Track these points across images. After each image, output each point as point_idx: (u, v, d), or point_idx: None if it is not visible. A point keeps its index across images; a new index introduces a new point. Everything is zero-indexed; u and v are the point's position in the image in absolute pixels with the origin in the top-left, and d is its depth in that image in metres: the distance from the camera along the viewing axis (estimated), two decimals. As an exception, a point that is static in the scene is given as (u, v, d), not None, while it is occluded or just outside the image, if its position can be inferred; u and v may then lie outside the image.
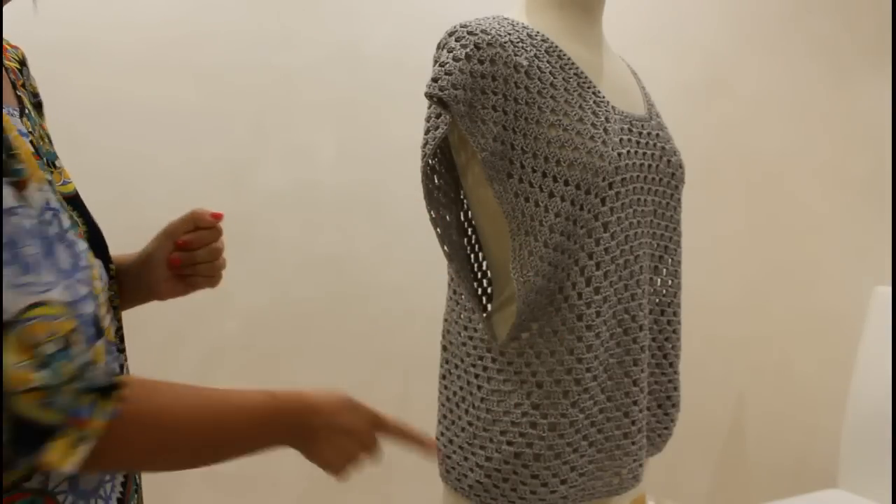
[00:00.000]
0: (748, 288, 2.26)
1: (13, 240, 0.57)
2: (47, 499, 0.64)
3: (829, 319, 2.33)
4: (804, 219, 2.32)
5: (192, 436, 0.68)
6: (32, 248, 0.58)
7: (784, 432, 2.34)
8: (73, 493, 0.66)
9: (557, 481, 0.90)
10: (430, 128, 0.91)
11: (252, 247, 1.72)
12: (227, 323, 1.71)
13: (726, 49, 2.19)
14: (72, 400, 0.58)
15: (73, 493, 0.66)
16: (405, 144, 1.69)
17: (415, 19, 1.81)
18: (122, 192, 1.59)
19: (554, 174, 0.87)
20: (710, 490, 2.29)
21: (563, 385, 0.89)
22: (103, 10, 1.58)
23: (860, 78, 2.34)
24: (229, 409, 0.71)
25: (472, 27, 0.87)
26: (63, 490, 0.65)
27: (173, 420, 0.67)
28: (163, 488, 1.61)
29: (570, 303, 0.89)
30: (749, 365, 2.29)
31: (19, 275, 0.57)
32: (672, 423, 1.05)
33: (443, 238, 0.97)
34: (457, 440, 0.95)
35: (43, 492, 0.63)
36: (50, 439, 0.58)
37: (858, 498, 1.99)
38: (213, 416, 0.70)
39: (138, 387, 0.64)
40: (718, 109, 2.19)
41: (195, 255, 0.90)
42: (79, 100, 1.56)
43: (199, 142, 1.67)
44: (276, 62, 1.72)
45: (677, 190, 1.02)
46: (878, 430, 1.96)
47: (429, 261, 1.49)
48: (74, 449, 0.59)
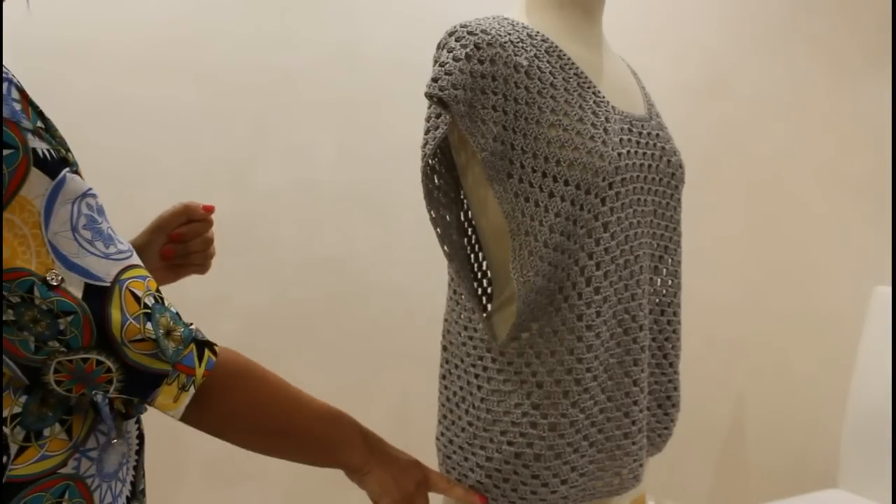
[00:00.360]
0: (748, 288, 2.26)
1: (93, 218, 0.66)
2: (79, 483, 0.69)
3: (829, 319, 2.33)
4: (804, 219, 2.32)
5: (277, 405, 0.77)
6: (106, 224, 0.67)
7: (784, 432, 2.34)
8: (100, 475, 0.71)
9: (558, 481, 0.90)
10: (430, 128, 0.91)
11: (252, 247, 1.72)
12: (226, 323, 1.71)
13: (726, 49, 2.19)
14: (177, 350, 0.67)
15: (99, 475, 0.71)
16: (405, 144, 1.69)
17: (415, 19, 1.81)
18: (122, 192, 1.59)
19: (554, 174, 0.87)
20: (710, 490, 2.29)
21: (563, 385, 0.89)
22: (103, 10, 1.58)
23: (860, 78, 2.34)
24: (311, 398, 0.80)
25: (472, 27, 0.87)
26: (91, 474, 0.70)
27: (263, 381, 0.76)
28: (163, 488, 1.61)
29: (570, 303, 0.89)
30: (749, 365, 2.28)
31: (106, 247, 0.66)
32: (672, 423, 1.05)
33: (443, 238, 0.97)
34: (457, 440, 0.95)
35: (75, 476, 0.69)
36: (160, 384, 0.67)
37: (858, 498, 1.99)
38: (297, 394, 0.79)
39: (226, 349, 0.73)
40: (718, 109, 2.19)
41: (188, 245, 0.95)
42: (79, 100, 1.56)
43: (199, 142, 1.67)
44: (276, 62, 1.72)
45: (677, 190, 1.02)
46: (878, 430, 1.96)
47: (429, 261, 1.49)
48: (182, 393, 0.68)
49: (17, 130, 0.61)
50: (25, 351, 0.62)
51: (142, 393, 0.67)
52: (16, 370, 0.63)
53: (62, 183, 0.63)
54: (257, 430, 0.76)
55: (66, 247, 0.63)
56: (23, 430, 0.65)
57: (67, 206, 0.63)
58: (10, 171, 0.60)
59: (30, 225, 0.61)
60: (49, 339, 0.62)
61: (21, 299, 0.61)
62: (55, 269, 0.61)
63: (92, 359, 0.63)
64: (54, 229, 0.62)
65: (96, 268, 0.64)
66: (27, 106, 0.64)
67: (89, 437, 0.70)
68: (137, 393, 0.67)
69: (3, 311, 0.61)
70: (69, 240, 0.63)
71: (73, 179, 0.64)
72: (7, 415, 0.64)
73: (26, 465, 0.65)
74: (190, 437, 1.63)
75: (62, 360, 0.63)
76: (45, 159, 0.62)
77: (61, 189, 0.63)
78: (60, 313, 0.61)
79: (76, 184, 0.65)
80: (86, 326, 0.62)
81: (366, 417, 0.90)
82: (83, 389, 0.65)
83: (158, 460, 1.04)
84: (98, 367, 0.64)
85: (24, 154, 0.61)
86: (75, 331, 0.62)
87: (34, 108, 0.65)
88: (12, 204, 0.60)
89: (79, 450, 0.69)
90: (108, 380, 0.65)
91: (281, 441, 0.79)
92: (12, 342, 0.62)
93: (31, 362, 0.63)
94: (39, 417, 0.66)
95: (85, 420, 0.69)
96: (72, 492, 0.68)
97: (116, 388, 0.66)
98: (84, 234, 0.64)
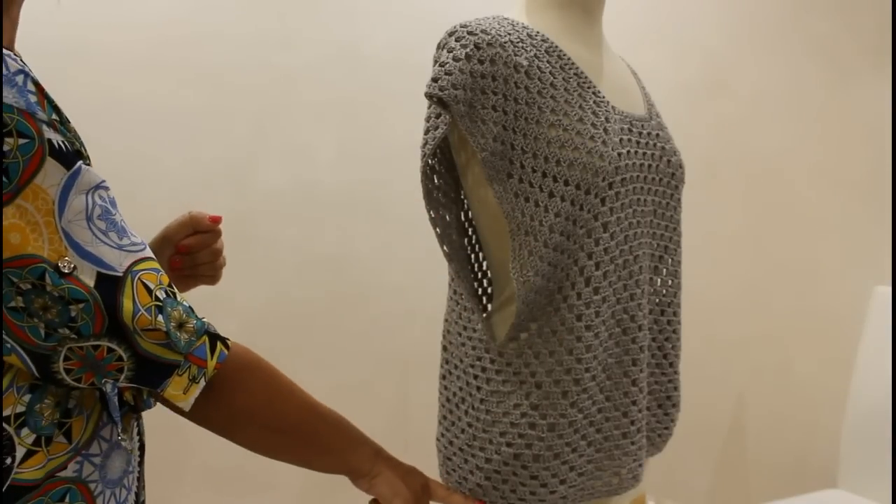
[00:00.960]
0: (748, 288, 2.26)
1: (107, 210, 0.66)
2: (80, 486, 0.69)
3: (829, 319, 2.33)
4: (804, 219, 2.32)
5: (288, 403, 0.77)
6: (119, 216, 0.68)
7: (784, 432, 2.34)
8: (103, 481, 0.71)
9: (557, 481, 0.90)
10: (430, 128, 0.91)
11: (252, 247, 1.72)
12: (226, 323, 1.70)
13: (726, 49, 2.19)
14: (189, 341, 0.68)
15: (102, 481, 0.70)
16: (405, 144, 1.69)
17: (415, 19, 1.81)
18: (122, 192, 1.58)
19: (554, 174, 0.87)
20: (710, 490, 2.29)
21: (561, 385, 0.89)
22: (103, 10, 1.58)
23: (860, 78, 2.34)
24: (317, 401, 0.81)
25: (472, 27, 0.87)
26: (94, 479, 0.70)
27: (273, 378, 0.77)
28: (163, 488, 1.61)
29: (569, 303, 0.89)
30: (749, 365, 2.28)
31: (120, 238, 0.66)
32: (672, 423, 1.05)
33: (443, 238, 0.97)
34: (457, 441, 0.95)
35: (77, 480, 0.68)
36: (171, 375, 0.67)
37: (858, 498, 1.99)
38: (305, 394, 0.79)
39: (237, 344, 0.74)
40: (718, 109, 2.19)
41: (196, 257, 0.94)
42: (79, 99, 1.56)
43: (199, 142, 1.67)
44: (276, 62, 1.72)
45: (677, 190, 1.02)
46: (878, 430, 1.96)
47: (429, 261, 1.49)
48: (192, 385, 0.68)
49: (33, 121, 0.61)
50: (35, 338, 0.62)
51: (152, 382, 0.67)
52: (25, 358, 0.63)
53: (77, 173, 0.64)
54: (267, 428, 0.76)
55: (81, 235, 0.63)
56: (32, 434, 0.65)
57: (82, 197, 0.64)
58: (26, 159, 0.61)
59: (43, 213, 0.61)
60: (59, 325, 0.62)
61: (32, 286, 0.61)
62: (67, 257, 0.62)
63: (103, 346, 0.64)
64: (69, 217, 0.63)
65: (109, 257, 0.64)
66: (43, 98, 0.64)
67: (92, 443, 0.69)
68: (148, 382, 0.67)
69: (13, 298, 0.61)
70: (83, 228, 0.63)
71: (87, 171, 0.65)
72: (10, 413, 0.63)
73: (33, 469, 0.65)
74: (190, 446, 1.64)
75: (73, 347, 0.63)
76: (60, 150, 0.63)
77: (77, 179, 0.64)
78: (72, 300, 0.62)
79: (91, 175, 0.65)
80: (97, 314, 0.63)
81: (366, 417, 0.90)
82: (93, 378, 0.65)
83: (158, 470, 1.04)
84: (109, 355, 0.64)
85: (40, 144, 0.61)
86: (87, 318, 0.62)
87: (49, 101, 0.66)
88: (26, 191, 0.61)
89: (80, 453, 0.68)
90: (118, 368, 0.65)
91: (291, 441, 0.78)
92: (22, 328, 0.62)
93: (41, 349, 0.63)
94: (46, 419, 0.65)
95: (87, 424, 0.69)
96: (73, 495, 0.67)
97: (127, 376, 0.66)
98: (98, 224, 0.64)
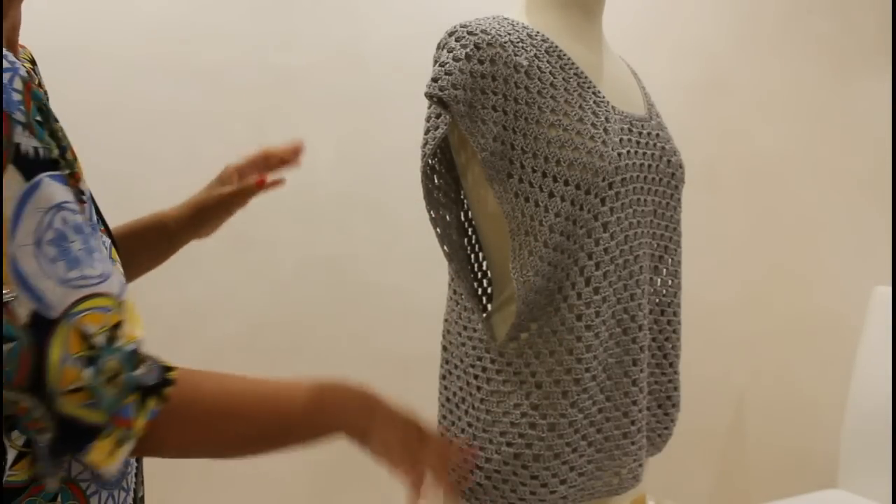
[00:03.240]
0: (748, 288, 2.26)
1: (63, 234, 0.58)
2: (71, 486, 0.66)
3: (829, 319, 2.33)
4: (804, 219, 2.32)
5: (241, 425, 0.68)
6: (79, 244, 0.59)
7: (784, 432, 2.34)
8: (96, 482, 0.68)
9: (557, 481, 0.90)
10: (430, 128, 0.91)
11: (252, 247, 1.72)
12: (226, 323, 1.71)
13: (726, 49, 2.19)
14: (115, 400, 0.59)
15: (95, 482, 0.68)
16: (405, 144, 1.69)
17: (415, 19, 1.81)
18: (123, 192, 1.58)
19: (554, 174, 0.87)
20: (710, 490, 2.29)
21: (561, 385, 0.89)
22: (104, 11, 1.58)
23: (860, 78, 2.34)
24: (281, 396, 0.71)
25: (472, 27, 0.87)
26: (86, 479, 0.67)
27: (219, 412, 0.67)
28: (163, 488, 1.61)
29: (569, 303, 0.89)
30: (749, 365, 2.28)
31: (68, 270, 0.58)
32: (672, 423, 1.05)
33: (443, 238, 0.97)
34: (457, 441, 0.95)
35: (66, 479, 0.65)
36: (94, 439, 0.59)
37: (858, 498, 1.99)
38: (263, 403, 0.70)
39: (182, 381, 0.63)
40: (718, 109, 2.19)
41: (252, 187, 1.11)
42: (79, 99, 1.56)
43: (199, 142, 1.67)
44: (276, 62, 1.72)
45: (677, 190, 1.02)
46: (878, 430, 1.96)
47: (429, 261, 1.49)
48: (118, 448, 0.60)
49: (8, 121, 0.56)
50: None
51: (75, 447, 0.60)
52: None
53: (35, 188, 0.57)
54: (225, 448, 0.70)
55: (26, 263, 0.56)
56: (22, 436, 0.62)
57: (38, 216, 0.57)
58: None
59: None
60: None
61: None
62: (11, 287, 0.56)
63: (22, 404, 0.58)
64: (19, 241, 0.56)
65: (49, 295, 0.57)
66: (28, 98, 0.59)
67: None
68: (71, 446, 0.60)
69: None
70: (30, 256, 0.56)
71: (49, 186, 0.57)
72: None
73: (23, 471, 0.63)
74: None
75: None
76: (26, 157, 0.56)
77: (33, 194, 0.57)
78: (5, 338, 0.56)
79: (52, 191, 0.58)
80: (22, 361, 0.56)
81: (365, 417, 0.89)
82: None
83: (158, 469, 1.04)
84: (29, 414, 0.58)
85: (6, 148, 0.55)
86: (12, 363, 0.56)
87: (37, 102, 0.61)
88: None
89: None
90: (38, 429, 0.59)
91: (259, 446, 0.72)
92: None
93: None
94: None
95: None
96: (65, 495, 0.65)
97: (50, 438, 0.59)
98: (47, 251, 0.57)
